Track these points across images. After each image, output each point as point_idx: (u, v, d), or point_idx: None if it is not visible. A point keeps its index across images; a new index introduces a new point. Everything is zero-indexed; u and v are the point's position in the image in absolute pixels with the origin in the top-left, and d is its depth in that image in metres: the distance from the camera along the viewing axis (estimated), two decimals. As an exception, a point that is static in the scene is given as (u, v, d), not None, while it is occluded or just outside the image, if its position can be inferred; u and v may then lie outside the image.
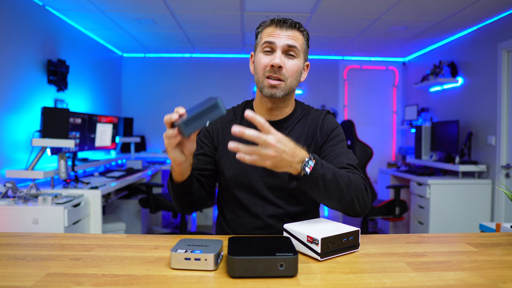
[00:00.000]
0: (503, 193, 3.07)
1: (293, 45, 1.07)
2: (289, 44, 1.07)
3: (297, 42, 1.09)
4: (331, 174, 0.91)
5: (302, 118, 1.20)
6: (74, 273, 0.73)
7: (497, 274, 0.74)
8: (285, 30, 1.08)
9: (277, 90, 1.08)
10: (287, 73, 1.08)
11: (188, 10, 3.33)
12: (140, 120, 5.07)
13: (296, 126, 1.18)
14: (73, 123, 3.09)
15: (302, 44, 1.11)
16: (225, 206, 1.23)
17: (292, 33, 1.09)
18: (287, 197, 1.15)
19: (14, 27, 2.74)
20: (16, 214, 2.22)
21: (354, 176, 0.99)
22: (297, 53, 1.09)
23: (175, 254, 0.75)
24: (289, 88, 1.10)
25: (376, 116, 5.32)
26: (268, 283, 0.69)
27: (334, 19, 3.54)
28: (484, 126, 3.52)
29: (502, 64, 3.28)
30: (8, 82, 2.70)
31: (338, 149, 1.11)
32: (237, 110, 1.24)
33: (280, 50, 1.07)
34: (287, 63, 1.08)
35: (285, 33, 1.08)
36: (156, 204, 3.47)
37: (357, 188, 0.97)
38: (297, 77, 1.12)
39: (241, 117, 1.21)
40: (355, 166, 1.07)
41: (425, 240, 1.00)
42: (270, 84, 1.08)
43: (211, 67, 5.19)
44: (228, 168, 1.16)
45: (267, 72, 1.08)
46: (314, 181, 0.88)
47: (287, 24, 1.08)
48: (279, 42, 1.07)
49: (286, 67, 1.08)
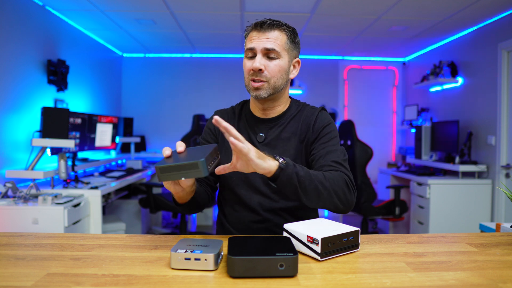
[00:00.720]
0: (503, 193, 3.07)
1: (271, 47, 1.10)
2: (267, 47, 1.10)
3: (275, 43, 1.10)
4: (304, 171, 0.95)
5: (297, 115, 1.22)
6: (74, 273, 0.73)
7: (497, 274, 0.74)
8: (264, 33, 1.11)
9: (260, 91, 1.12)
10: (269, 74, 1.11)
11: (188, 10, 3.33)
12: (140, 120, 5.07)
13: (289, 124, 1.20)
14: (73, 123, 3.09)
15: (283, 43, 1.12)
16: (224, 202, 1.26)
17: (271, 34, 1.11)
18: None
19: (14, 27, 2.74)
20: (16, 214, 2.22)
21: (333, 173, 1.01)
22: (278, 54, 1.11)
23: (175, 254, 0.75)
24: (274, 87, 1.13)
25: (376, 116, 5.32)
26: (268, 283, 0.69)
27: (334, 19, 3.54)
28: (484, 126, 3.52)
29: (502, 64, 3.28)
30: (8, 82, 2.70)
31: (327, 147, 1.13)
32: (236, 108, 1.29)
33: (261, 54, 1.10)
34: (269, 65, 1.11)
35: (264, 36, 1.10)
36: (156, 204, 3.47)
37: (334, 184, 0.98)
38: (282, 75, 1.13)
39: (238, 115, 1.26)
40: (340, 163, 1.08)
41: (425, 240, 1.00)
42: (254, 87, 1.12)
43: (211, 67, 5.19)
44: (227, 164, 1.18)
45: (251, 75, 1.12)
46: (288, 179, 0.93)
47: (265, 26, 1.11)
48: (258, 46, 1.10)
49: (268, 69, 1.11)
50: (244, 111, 1.27)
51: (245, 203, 1.19)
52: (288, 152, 1.17)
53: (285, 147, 1.18)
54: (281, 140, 1.19)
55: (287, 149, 1.18)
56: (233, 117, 1.26)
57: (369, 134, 5.17)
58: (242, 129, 1.23)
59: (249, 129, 1.23)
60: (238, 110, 1.28)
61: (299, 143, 1.18)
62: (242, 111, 1.28)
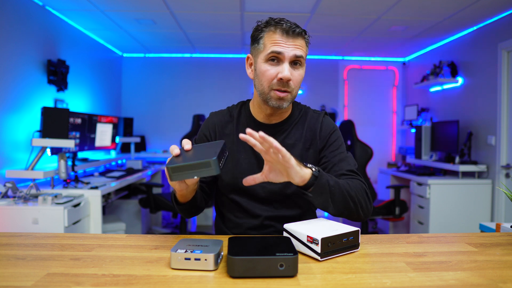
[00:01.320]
0: (503, 193, 3.07)
1: (300, 55, 1.04)
2: (297, 54, 1.03)
3: (303, 51, 1.05)
4: (333, 180, 0.95)
5: (300, 120, 1.18)
6: (74, 273, 0.73)
7: (497, 274, 0.74)
8: (292, 39, 1.03)
9: (284, 102, 1.05)
10: (293, 84, 1.05)
11: (188, 10, 3.33)
12: (140, 120, 5.07)
13: (293, 130, 1.16)
14: (73, 123, 3.09)
15: (306, 52, 1.08)
16: (223, 209, 1.22)
17: (300, 42, 1.04)
18: (285, 201, 1.15)
19: (14, 27, 2.74)
20: (16, 214, 2.22)
21: (354, 182, 1.01)
22: (302, 62, 1.06)
23: (175, 254, 0.75)
24: (294, 98, 1.09)
25: (376, 116, 5.32)
26: (268, 283, 0.69)
27: (334, 19, 3.54)
28: (484, 126, 3.52)
29: (502, 64, 3.28)
30: (8, 82, 2.70)
31: (338, 155, 1.11)
32: (233, 111, 1.21)
33: (288, 61, 1.03)
34: (294, 74, 1.04)
35: (292, 43, 1.03)
36: (156, 204, 3.47)
37: (358, 194, 0.98)
38: (300, 85, 1.10)
39: (237, 119, 1.19)
40: (355, 171, 1.08)
41: (425, 240, 1.00)
42: (279, 97, 1.04)
43: (211, 67, 5.19)
44: (226, 171, 1.16)
45: (275, 85, 1.04)
46: (322, 186, 0.91)
47: (295, 33, 1.03)
48: (288, 53, 1.02)
49: (293, 79, 1.04)
50: (243, 115, 1.19)
51: (246, 211, 1.16)
52: None
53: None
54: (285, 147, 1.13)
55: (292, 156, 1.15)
56: (231, 120, 1.19)
57: (369, 134, 5.17)
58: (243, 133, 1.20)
59: None
60: (237, 113, 1.20)
61: (304, 151, 1.14)
62: (241, 114, 1.20)
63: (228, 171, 1.15)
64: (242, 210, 1.16)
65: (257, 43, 1.08)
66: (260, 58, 1.07)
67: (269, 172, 0.90)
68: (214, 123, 1.20)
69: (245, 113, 1.19)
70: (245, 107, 1.20)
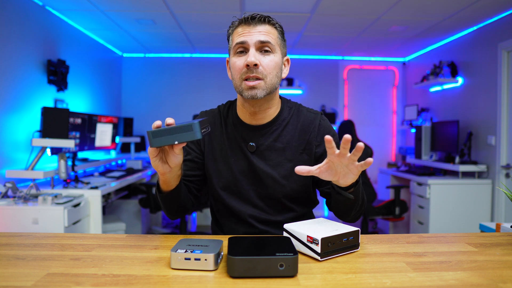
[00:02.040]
0: (503, 193, 3.07)
1: (266, 40, 1.01)
2: (262, 40, 1.00)
3: (270, 37, 1.02)
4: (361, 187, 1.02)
5: (291, 119, 1.12)
6: (74, 273, 0.73)
7: (497, 274, 0.74)
8: (255, 26, 1.02)
9: (257, 90, 1.00)
10: (265, 71, 1.01)
11: (188, 10, 3.33)
12: (140, 120, 5.06)
13: (285, 130, 1.11)
14: (73, 123, 3.09)
15: (276, 38, 1.04)
16: (218, 213, 1.19)
17: (263, 28, 1.02)
18: (278, 205, 1.12)
19: (14, 27, 2.74)
20: (16, 214, 2.22)
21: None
22: (272, 48, 1.02)
23: (175, 254, 0.75)
24: (270, 86, 1.02)
25: (376, 116, 5.32)
26: (268, 283, 0.69)
27: (334, 19, 3.54)
28: (484, 126, 3.52)
29: (502, 64, 3.28)
30: (8, 82, 2.70)
31: None
32: (223, 112, 1.17)
33: (254, 48, 1.00)
34: (263, 60, 1.01)
35: (256, 30, 1.01)
36: (156, 204, 3.47)
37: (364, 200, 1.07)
38: (277, 73, 1.04)
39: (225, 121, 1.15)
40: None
41: (425, 240, 1.00)
42: (249, 86, 1.00)
43: (211, 67, 5.19)
44: (217, 175, 1.13)
45: (244, 74, 1.01)
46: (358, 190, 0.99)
47: (255, 20, 1.02)
48: (251, 39, 1.00)
49: (262, 64, 1.00)
50: (230, 116, 1.15)
51: (239, 216, 1.12)
52: (283, 163, 1.09)
53: (280, 157, 1.09)
54: (275, 150, 1.09)
55: (282, 160, 1.09)
56: (220, 122, 1.15)
57: (369, 134, 5.17)
58: (231, 135, 1.12)
59: (238, 136, 1.11)
60: (225, 113, 1.16)
61: (297, 154, 1.09)
62: (229, 115, 1.15)
63: (219, 175, 1.12)
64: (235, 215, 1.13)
65: (228, 41, 1.09)
66: (231, 54, 1.07)
67: (326, 170, 0.89)
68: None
69: (232, 115, 1.15)
70: (233, 107, 1.16)
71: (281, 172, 1.09)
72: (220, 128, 1.14)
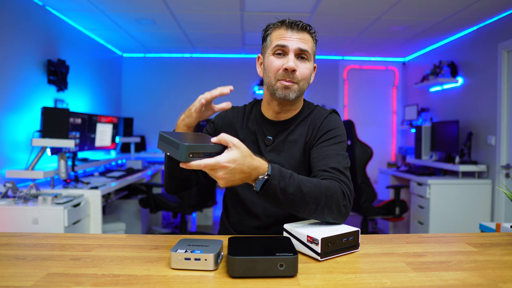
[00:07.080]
0: (503, 193, 3.07)
1: (305, 48, 1.07)
2: (301, 47, 1.06)
3: (308, 45, 1.08)
4: (295, 187, 0.87)
5: (306, 117, 1.17)
6: (74, 273, 0.73)
7: (497, 274, 0.74)
8: (297, 33, 1.07)
9: (290, 91, 1.07)
10: (300, 76, 1.08)
11: (188, 10, 3.33)
12: (140, 120, 5.06)
13: (298, 127, 1.16)
14: (73, 123, 3.09)
15: (312, 47, 1.10)
16: (229, 203, 1.24)
17: (304, 35, 1.08)
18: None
19: (14, 27, 2.74)
20: (16, 214, 2.22)
21: (330, 185, 0.93)
22: (309, 56, 1.08)
23: (175, 254, 0.75)
24: (301, 91, 1.10)
25: (376, 116, 5.32)
26: (268, 283, 0.69)
27: (334, 19, 3.54)
28: (484, 126, 3.52)
29: (502, 64, 3.28)
30: (8, 82, 2.70)
31: (328, 151, 1.06)
32: (247, 108, 1.25)
33: (293, 53, 1.06)
34: (300, 66, 1.07)
35: (297, 36, 1.07)
36: (156, 204, 3.47)
37: (330, 199, 0.91)
38: (308, 80, 1.11)
39: (248, 115, 1.23)
40: (340, 170, 1.00)
41: (425, 240, 1.00)
42: (284, 85, 1.07)
43: (211, 67, 5.19)
44: None
45: (280, 75, 1.07)
46: (271, 195, 0.86)
47: (298, 27, 1.07)
48: (292, 45, 1.06)
49: (299, 71, 1.07)
50: (254, 111, 1.23)
51: (247, 208, 1.16)
52: (294, 156, 1.13)
53: (291, 150, 1.14)
54: (287, 143, 1.15)
55: (293, 152, 1.14)
56: (243, 115, 1.23)
57: (369, 134, 5.17)
58: (249, 130, 1.20)
59: (257, 131, 1.18)
60: (249, 109, 1.24)
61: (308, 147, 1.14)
62: (252, 111, 1.23)
63: None
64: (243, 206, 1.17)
65: (265, 41, 1.14)
66: (267, 53, 1.12)
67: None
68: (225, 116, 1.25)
69: (255, 110, 1.23)
70: (257, 105, 1.24)
71: (291, 163, 1.13)
72: (241, 123, 1.22)
